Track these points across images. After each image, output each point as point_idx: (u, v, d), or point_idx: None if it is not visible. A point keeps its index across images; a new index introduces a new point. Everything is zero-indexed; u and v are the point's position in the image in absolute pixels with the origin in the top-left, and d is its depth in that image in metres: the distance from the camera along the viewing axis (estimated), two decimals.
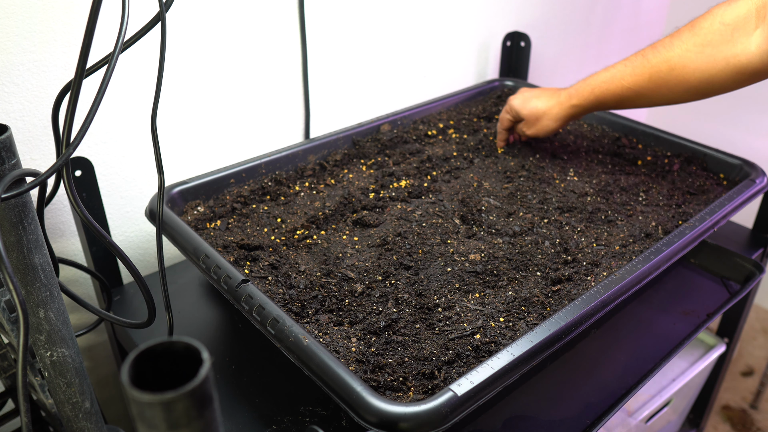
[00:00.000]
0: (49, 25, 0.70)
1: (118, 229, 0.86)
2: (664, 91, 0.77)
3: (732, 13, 0.72)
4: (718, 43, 0.72)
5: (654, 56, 0.77)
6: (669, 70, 0.75)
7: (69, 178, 0.47)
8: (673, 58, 0.75)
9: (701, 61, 0.73)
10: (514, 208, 0.83)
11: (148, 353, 0.25)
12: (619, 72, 0.80)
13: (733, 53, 0.71)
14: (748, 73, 0.71)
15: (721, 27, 0.72)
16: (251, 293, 0.61)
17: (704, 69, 0.73)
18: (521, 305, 0.66)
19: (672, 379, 0.90)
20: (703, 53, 0.73)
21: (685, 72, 0.74)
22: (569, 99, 0.86)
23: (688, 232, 0.72)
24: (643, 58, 0.78)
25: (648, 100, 0.80)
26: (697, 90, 0.75)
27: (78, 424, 0.54)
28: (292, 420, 0.63)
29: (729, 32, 0.71)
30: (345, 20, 0.99)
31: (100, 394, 0.95)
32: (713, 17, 0.73)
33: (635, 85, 0.79)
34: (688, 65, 0.74)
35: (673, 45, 0.75)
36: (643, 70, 0.78)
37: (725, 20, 0.72)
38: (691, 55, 0.74)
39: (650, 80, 0.77)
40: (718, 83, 0.74)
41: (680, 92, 0.77)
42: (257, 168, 0.85)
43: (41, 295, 0.47)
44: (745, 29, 0.71)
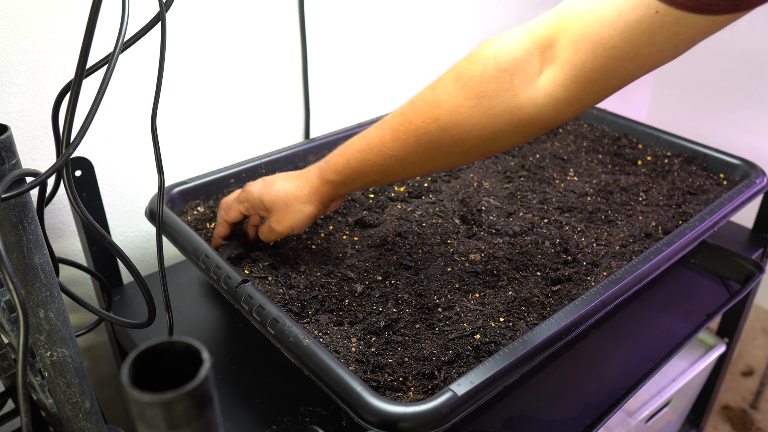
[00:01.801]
0: (49, 25, 0.70)
1: (118, 229, 0.86)
2: (436, 154, 0.62)
3: (508, 56, 0.58)
4: (495, 94, 0.58)
5: (417, 116, 0.61)
6: (440, 131, 0.60)
7: (69, 178, 0.47)
8: (442, 116, 0.60)
9: (478, 117, 0.58)
10: (514, 208, 0.83)
11: (148, 353, 0.25)
12: (377, 139, 0.64)
13: (516, 105, 0.57)
14: (537, 124, 0.58)
15: (496, 73, 0.58)
16: (251, 293, 0.61)
17: (483, 125, 0.59)
18: (521, 305, 0.66)
19: (672, 379, 0.90)
20: (479, 107, 0.58)
21: (461, 131, 0.59)
22: (321, 175, 0.67)
23: (688, 232, 0.72)
24: (404, 119, 0.63)
25: (418, 167, 0.65)
26: (478, 149, 0.61)
27: (78, 424, 0.54)
28: (292, 420, 0.63)
29: (508, 79, 0.57)
30: (345, 20, 0.99)
31: (100, 394, 0.95)
32: (484, 62, 0.59)
33: (400, 152, 0.63)
34: (463, 123, 0.59)
35: (440, 101, 0.60)
36: (407, 133, 0.62)
37: (501, 65, 0.57)
38: (466, 111, 0.59)
39: (418, 144, 0.62)
40: (501, 139, 0.60)
41: (457, 154, 0.62)
42: (257, 168, 0.85)
43: (41, 295, 0.47)
44: (526, 74, 0.57)
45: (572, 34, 0.55)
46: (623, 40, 0.52)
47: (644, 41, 0.51)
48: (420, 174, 0.69)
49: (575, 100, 0.56)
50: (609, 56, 0.53)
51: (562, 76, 0.56)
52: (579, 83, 0.55)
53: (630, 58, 0.53)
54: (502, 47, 0.58)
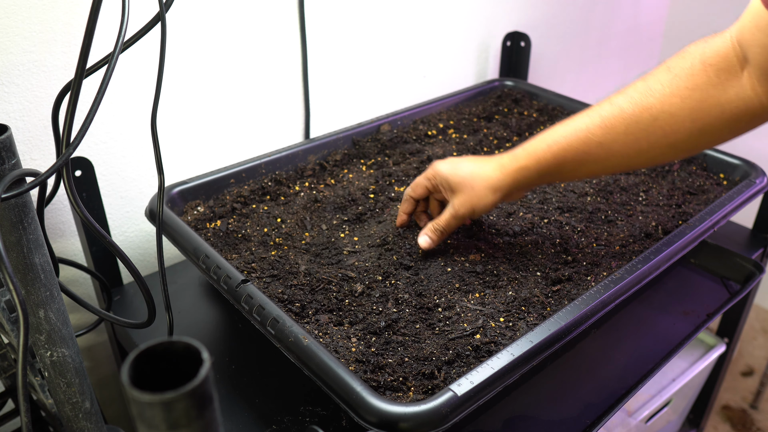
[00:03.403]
0: (49, 25, 0.70)
1: (118, 229, 0.86)
2: (643, 145, 0.62)
3: (712, 52, 0.60)
4: (705, 86, 0.59)
5: (628, 104, 0.61)
6: (651, 120, 0.60)
7: (69, 178, 0.47)
8: (654, 106, 0.60)
9: (690, 108, 0.59)
10: (514, 208, 0.83)
11: (148, 353, 0.25)
12: (583, 124, 0.63)
13: (726, 99, 0.59)
14: (746, 120, 0.60)
15: (704, 67, 0.59)
16: (251, 293, 0.61)
17: (695, 118, 0.60)
18: (521, 305, 0.66)
19: (672, 379, 0.90)
20: (691, 98, 0.59)
21: (673, 122, 0.60)
22: (516, 160, 0.66)
23: (688, 232, 0.72)
24: (614, 106, 0.62)
25: (620, 159, 0.64)
26: (687, 143, 0.62)
27: (78, 424, 0.54)
28: (292, 420, 0.63)
29: (714, 73, 0.59)
30: (345, 20, 0.99)
31: (100, 394, 0.95)
32: (692, 57, 0.61)
33: (607, 140, 0.62)
34: (675, 114, 0.60)
35: (651, 90, 0.61)
36: (617, 121, 0.62)
37: (707, 59, 0.59)
38: (677, 101, 0.60)
39: (626, 133, 0.61)
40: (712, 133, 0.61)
41: (665, 146, 0.62)
42: (257, 168, 0.85)
43: (41, 295, 0.47)
44: (731, 70, 0.59)
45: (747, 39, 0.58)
46: None
47: None
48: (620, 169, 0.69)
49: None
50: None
51: (756, 74, 0.58)
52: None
53: None
54: (707, 45, 0.61)
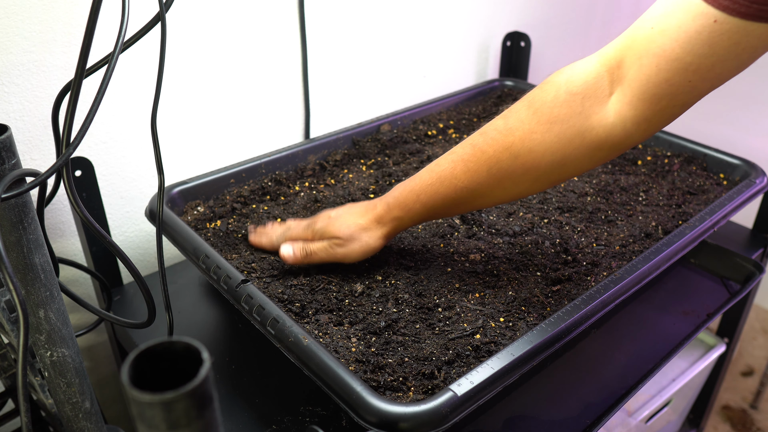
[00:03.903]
0: (49, 25, 0.70)
1: (118, 229, 0.86)
2: (507, 184, 0.63)
3: (579, 80, 0.59)
4: (567, 118, 0.58)
5: (489, 146, 0.62)
6: (512, 159, 0.61)
7: (69, 178, 0.47)
8: (515, 144, 0.60)
9: (550, 141, 0.59)
10: (514, 208, 0.83)
11: (148, 353, 0.25)
12: (447, 171, 0.64)
13: (587, 126, 0.58)
14: (607, 146, 0.59)
15: (568, 97, 0.58)
16: (251, 293, 0.61)
17: (555, 150, 0.59)
18: (521, 305, 0.66)
19: (672, 379, 0.90)
20: (551, 132, 0.59)
21: (532, 158, 0.60)
22: (389, 211, 0.68)
23: (688, 232, 0.72)
24: (475, 149, 0.63)
25: (488, 198, 0.65)
26: (549, 176, 0.62)
27: (78, 424, 0.54)
28: (292, 420, 0.63)
29: (579, 102, 0.58)
30: (345, 20, 0.99)
31: (100, 394, 0.95)
32: (556, 88, 0.59)
33: (471, 183, 0.63)
34: (534, 149, 0.60)
35: (512, 128, 0.61)
36: (479, 164, 0.62)
37: (572, 89, 0.58)
38: (537, 137, 0.59)
39: (489, 174, 0.62)
40: (572, 164, 0.60)
41: (528, 182, 0.63)
42: (257, 168, 0.85)
43: (41, 295, 0.47)
44: (597, 96, 0.58)
45: (637, 50, 0.56)
46: (684, 51, 0.53)
47: (705, 51, 0.52)
48: (487, 206, 0.69)
49: (643, 119, 0.57)
50: (672, 69, 0.54)
51: (629, 94, 0.57)
52: (645, 99, 0.56)
53: (693, 70, 0.53)
54: (573, 73, 0.60)
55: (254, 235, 0.74)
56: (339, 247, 0.68)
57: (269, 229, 0.74)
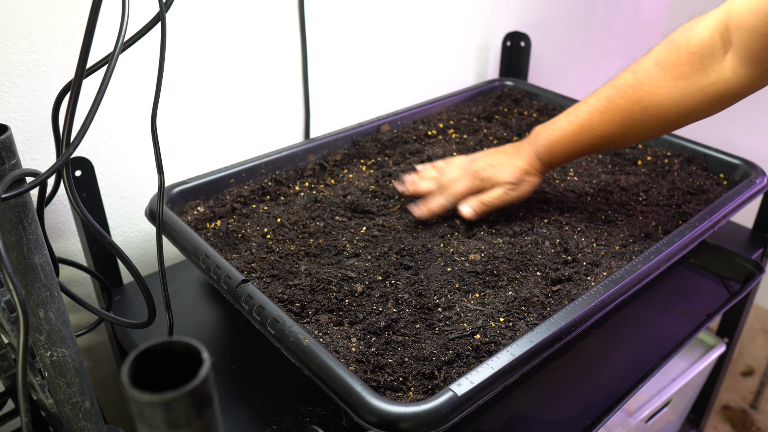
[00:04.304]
0: (49, 25, 0.70)
1: (118, 229, 0.86)
2: (638, 131, 0.72)
3: (697, 40, 0.66)
4: (689, 74, 0.67)
5: (621, 98, 0.70)
6: (642, 111, 0.69)
7: (69, 178, 0.47)
8: (644, 98, 0.69)
9: (675, 96, 0.67)
10: (514, 208, 0.83)
11: (148, 353, 0.25)
12: (585, 121, 0.73)
13: (708, 82, 0.66)
14: (727, 99, 0.67)
15: (689, 56, 0.66)
16: (251, 293, 0.61)
17: (681, 103, 0.68)
18: (521, 305, 0.66)
19: (672, 379, 0.90)
20: (676, 87, 0.67)
21: (661, 110, 0.69)
22: (538, 155, 0.78)
23: (688, 232, 0.72)
24: (609, 102, 0.71)
25: (622, 142, 0.76)
26: (676, 124, 0.70)
27: (78, 424, 0.54)
28: (292, 420, 0.63)
29: (698, 61, 0.66)
30: (345, 20, 0.99)
31: (100, 394, 0.95)
32: (677, 47, 0.67)
33: (608, 132, 0.72)
34: (662, 103, 0.68)
35: (641, 83, 0.69)
36: (614, 115, 0.71)
37: (692, 48, 0.66)
38: (664, 92, 0.68)
39: (623, 125, 0.71)
40: (696, 113, 0.69)
41: (657, 129, 0.72)
42: (257, 168, 0.85)
43: (41, 295, 0.47)
44: (714, 55, 0.66)
45: (735, 22, 0.64)
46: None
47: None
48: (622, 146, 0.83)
49: (755, 75, 0.64)
50: (763, 41, 0.61)
51: (738, 57, 0.64)
52: (751, 62, 0.63)
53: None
54: (692, 33, 0.67)
55: (419, 209, 0.79)
56: (512, 191, 0.78)
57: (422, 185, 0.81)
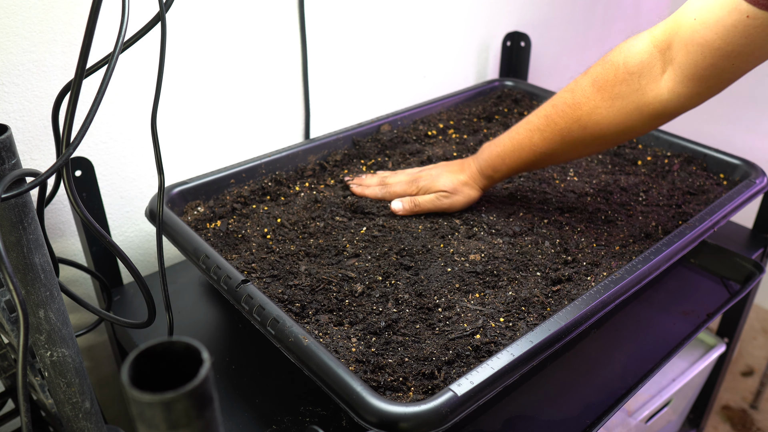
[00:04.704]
0: (49, 25, 0.70)
1: (118, 229, 0.86)
2: (580, 148, 0.74)
3: (635, 59, 0.67)
4: (626, 94, 0.68)
5: (561, 118, 0.72)
6: (581, 130, 0.72)
7: (69, 178, 0.47)
8: (582, 117, 0.71)
9: (614, 115, 0.69)
10: (514, 209, 0.83)
11: (148, 353, 0.25)
12: (526, 139, 0.76)
13: (645, 102, 0.68)
14: (664, 116, 0.69)
15: (626, 77, 0.68)
16: (251, 293, 0.61)
17: (619, 122, 0.69)
18: (521, 305, 0.66)
19: (672, 379, 0.90)
20: (614, 107, 0.69)
21: (599, 128, 0.71)
22: (481, 171, 0.81)
23: (688, 232, 0.72)
24: (549, 120, 0.74)
25: (563, 158, 0.78)
26: (614, 141, 0.73)
27: (78, 424, 0.54)
28: (292, 420, 0.63)
29: (636, 81, 0.67)
30: (345, 20, 0.99)
31: (100, 394, 0.95)
32: (614, 67, 0.69)
33: (548, 149, 0.75)
34: (600, 122, 0.70)
35: (579, 103, 0.71)
36: (553, 133, 0.73)
37: (629, 68, 0.67)
38: (602, 111, 0.70)
39: (563, 142, 0.73)
40: (635, 131, 0.71)
41: (597, 146, 0.74)
42: (257, 168, 0.85)
43: (41, 295, 0.47)
44: (651, 74, 0.67)
45: (683, 38, 0.63)
46: (724, 42, 0.60)
47: (743, 42, 0.59)
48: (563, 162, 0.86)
49: (695, 94, 0.65)
50: (715, 56, 0.61)
51: (680, 75, 0.65)
52: (695, 80, 0.64)
53: (734, 56, 0.61)
54: (630, 52, 0.68)
55: (357, 187, 0.86)
56: (445, 198, 0.81)
57: (368, 181, 0.87)
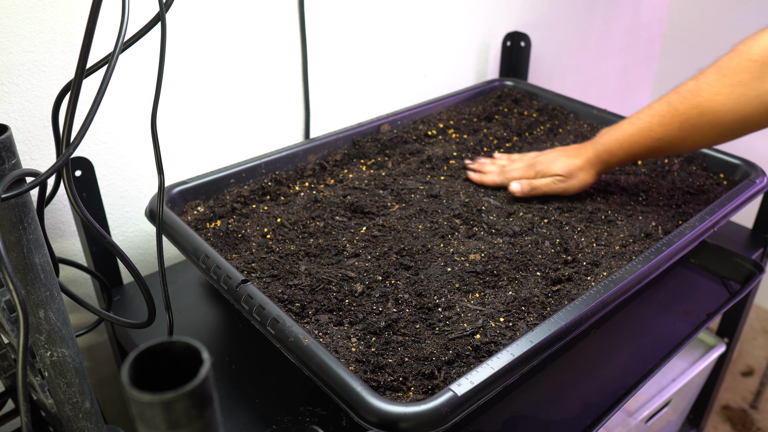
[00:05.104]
0: (49, 25, 0.70)
1: (118, 229, 0.86)
2: (696, 137, 0.74)
3: (758, 48, 0.68)
4: (748, 82, 0.68)
5: (681, 103, 0.73)
6: (700, 116, 0.72)
7: (69, 178, 0.47)
8: (702, 103, 0.71)
9: (733, 102, 0.69)
10: (514, 208, 0.83)
11: (148, 353, 0.25)
12: (645, 124, 0.76)
13: (765, 90, 0.68)
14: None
15: (749, 64, 0.68)
16: (251, 293, 0.61)
17: (737, 110, 0.69)
18: (521, 305, 0.66)
19: (672, 379, 0.90)
20: (734, 94, 0.69)
21: (717, 116, 0.71)
22: (597, 155, 0.82)
23: (688, 232, 0.72)
24: (670, 106, 0.74)
25: (680, 147, 0.77)
26: (732, 131, 0.72)
27: (78, 424, 0.54)
28: (292, 420, 0.63)
29: (758, 69, 0.68)
30: (345, 20, 0.99)
31: (100, 394, 0.95)
32: (739, 55, 0.69)
33: (666, 135, 0.75)
34: (719, 108, 0.70)
35: (701, 89, 0.72)
36: (672, 119, 0.74)
37: (752, 56, 0.68)
38: (722, 98, 0.70)
39: (681, 129, 0.74)
40: (753, 122, 0.70)
41: (714, 136, 0.74)
42: (257, 168, 0.85)
43: (41, 295, 0.47)
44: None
45: None
46: None
47: None
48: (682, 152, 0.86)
49: None
50: None
51: None
52: None
53: None
54: (755, 42, 0.69)
55: (475, 175, 0.89)
56: (561, 182, 0.83)
57: (487, 167, 0.90)
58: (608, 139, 0.81)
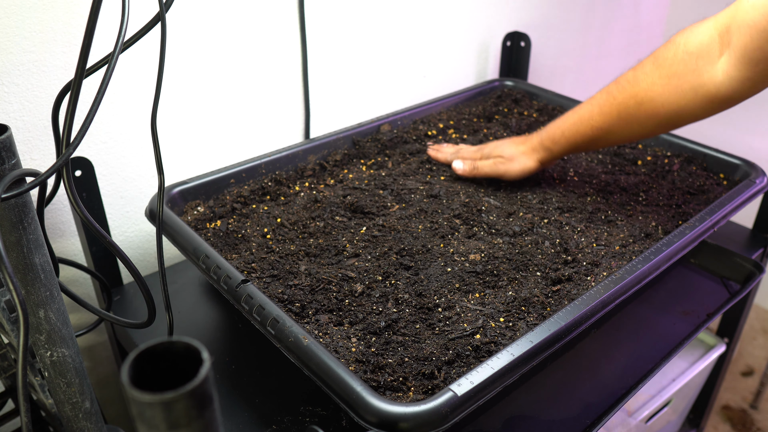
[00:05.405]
0: (49, 25, 0.70)
1: (118, 229, 0.86)
2: (635, 126, 0.75)
3: (695, 41, 0.69)
4: (683, 74, 0.69)
5: (619, 93, 0.74)
6: (637, 106, 0.73)
7: (69, 178, 0.47)
8: (639, 93, 0.72)
9: (669, 93, 0.70)
10: (514, 208, 0.83)
11: (148, 353, 0.25)
12: (587, 113, 0.78)
13: (700, 83, 0.68)
14: (717, 101, 0.69)
15: (685, 56, 0.69)
16: (251, 293, 0.61)
17: (673, 101, 0.70)
18: (521, 305, 0.66)
19: (672, 379, 0.90)
20: (670, 85, 0.70)
21: (654, 106, 0.72)
22: (541, 143, 0.84)
23: (688, 232, 0.72)
24: (609, 96, 0.76)
25: (619, 137, 0.78)
26: (668, 122, 0.73)
27: (78, 424, 0.54)
28: (292, 420, 0.63)
29: (693, 61, 0.68)
30: (345, 20, 0.99)
31: (100, 394, 0.95)
32: (676, 47, 0.70)
33: (605, 125, 0.76)
34: (655, 99, 0.71)
35: (638, 79, 0.73)
36: (611, 108, 0.75)
37: (689, 49, 0.69)
38: (658, 89, 0.71)
39: (619, 118, 0.75)
40: (687, 113, 0.71)
41: (651, 126, 0.74)
42: (257, 168, 0.85)
43: (41, 295, 0.47)
44: (709, 57, 0.68)
45: (738, 20, 0.65)
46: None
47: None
48: (621, 142, 0.87)
49: (746, 78, 0.66)
50: (762, 38, 0.62)
51: (733, 58, 0.66)
52: (745, 63, 0.65)
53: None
54: (692, 34, 0.70)
55: (432, 151, 0.94)
56: (501, 164, 0.86)
57: (444, 147, 0.94)
58: (552, 128, 0.83)
